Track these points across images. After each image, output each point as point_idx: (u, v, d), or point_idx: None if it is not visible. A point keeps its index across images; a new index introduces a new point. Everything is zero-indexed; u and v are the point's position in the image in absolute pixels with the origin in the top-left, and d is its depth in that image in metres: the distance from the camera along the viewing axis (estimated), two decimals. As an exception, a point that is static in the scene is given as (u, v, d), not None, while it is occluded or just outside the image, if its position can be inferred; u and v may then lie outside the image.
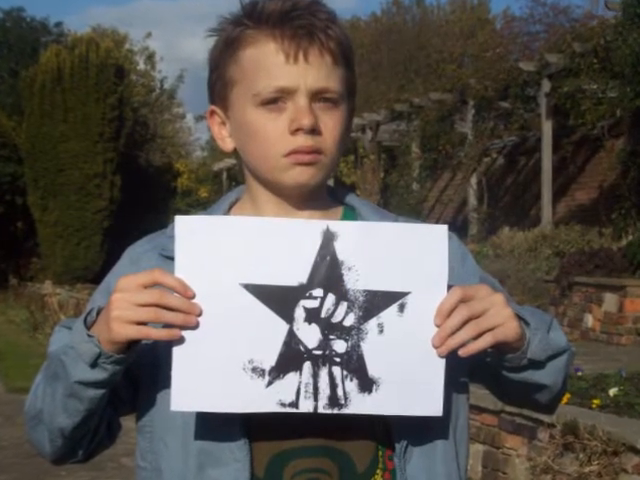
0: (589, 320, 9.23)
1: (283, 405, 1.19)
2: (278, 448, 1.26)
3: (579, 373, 5.77)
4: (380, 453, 1.29)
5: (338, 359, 1.19)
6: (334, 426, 1.24)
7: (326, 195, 1.37)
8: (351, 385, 1.19)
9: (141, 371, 1.29)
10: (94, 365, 1.19)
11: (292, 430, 1.25)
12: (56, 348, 1.25)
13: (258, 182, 1.33)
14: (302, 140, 1.25)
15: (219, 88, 1.32)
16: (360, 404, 1.19)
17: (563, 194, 15.67)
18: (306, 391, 1.19)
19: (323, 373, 1.19)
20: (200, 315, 1.18)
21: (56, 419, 1.26)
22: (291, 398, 1.19)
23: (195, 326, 1.17)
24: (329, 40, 1.26)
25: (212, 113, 1.35)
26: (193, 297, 1.18)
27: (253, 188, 1.35)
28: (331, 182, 1.42)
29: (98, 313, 1.21)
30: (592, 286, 9.22)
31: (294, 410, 1.19)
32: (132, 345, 1.20)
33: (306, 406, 1.19)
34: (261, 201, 1.34)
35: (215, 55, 1.32)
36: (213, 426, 1.24)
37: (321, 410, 1.19)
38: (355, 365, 1.19)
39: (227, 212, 1.37)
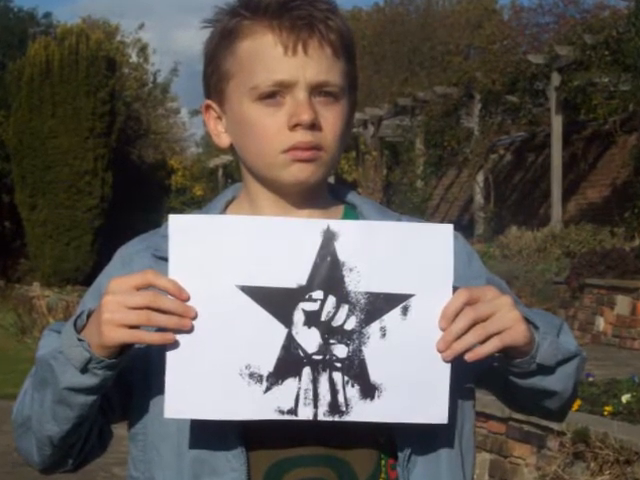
0: (600, 323, 9.24)
1: (281, 412, 1.19)
2: (276, 457, 1.26)
3: (590, 379, 5.78)
4: (382, 462, 1.29)
5: (339, 364, 1.19)
6: (335, 434, 1.24)
7: (326, 193, 1.37)
8: (352, 391, 1.19)
9: (133, 376, 1.29)
10: (84, 370, 1.19)
11: (291, 438, 1.25)
12: (45, 352, 1.25)
13: (255, 179, 1.33)
14: (301, 136, 1.25)
15: (215, 81, 1.32)
16: (362, 411, 1.19)
17: (573, 192, 15.67)
18: (305, 397, 1.19)
19: (323, 379, 1.19)
20: (195, 318, 1.18)
21: (45, 427, 1.26)
22: (290, 405, 1.19)
23: (190, 330, 1.17)
24: (329, 31, 1.26)
25: (207, 108, 1.35)
26: (188, 299, 1.18)
27: (250, 186, 1.35)
28: (332, 179, 1.42)
29: (89, 316, 1.21)
30: (604, 288, 9.23)
31: (293, 417, 1.19)
32: (124, 350, 1.20)
33: (305, 413, 1.19)
34: (259, 199, 1.34)
35: (210, 47, 1.32)
36: (208, 434, 1.24)
37: (321, 417, 1.19)
38: (356, 370, 1.19)
39: (223, 211, 1.37)
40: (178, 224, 1.18)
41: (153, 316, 1.16)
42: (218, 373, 1.18)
